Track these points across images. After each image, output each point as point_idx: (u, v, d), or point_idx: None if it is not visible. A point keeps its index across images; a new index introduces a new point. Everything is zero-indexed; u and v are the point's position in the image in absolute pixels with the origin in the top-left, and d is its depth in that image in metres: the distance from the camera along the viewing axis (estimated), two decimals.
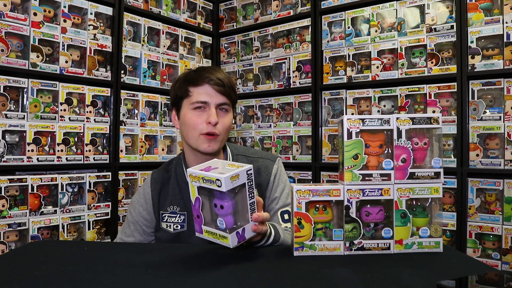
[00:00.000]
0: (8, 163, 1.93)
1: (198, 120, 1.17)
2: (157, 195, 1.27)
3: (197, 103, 1.17)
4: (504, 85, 1.97)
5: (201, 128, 1.16)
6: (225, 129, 1.20)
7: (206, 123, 1.16)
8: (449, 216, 2.08)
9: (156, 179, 1.29)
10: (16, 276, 0.77)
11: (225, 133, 1.20)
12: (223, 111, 1.20)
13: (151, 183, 1.29)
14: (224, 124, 1.19)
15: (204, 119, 1.16)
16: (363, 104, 2.43)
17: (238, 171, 0.82)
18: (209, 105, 1.17)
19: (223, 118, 1.19)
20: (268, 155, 1.31)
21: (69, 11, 2.18)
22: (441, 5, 2.18)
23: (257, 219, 0.87)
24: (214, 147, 1.18)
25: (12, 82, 1.95)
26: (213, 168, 0.85)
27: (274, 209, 1.23)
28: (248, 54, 2.94)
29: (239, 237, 0.84)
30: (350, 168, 0.92)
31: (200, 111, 1.17)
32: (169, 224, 1.23)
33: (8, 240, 1.91)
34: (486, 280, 0.73)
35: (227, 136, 1.23)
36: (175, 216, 1.23)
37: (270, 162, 1.28)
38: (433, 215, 0.94)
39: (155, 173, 1.33)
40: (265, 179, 1.24)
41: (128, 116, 2.48)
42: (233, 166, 0.85)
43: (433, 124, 0.92)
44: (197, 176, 0.82)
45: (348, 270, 0.80)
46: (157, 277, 0.75)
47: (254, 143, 2.83)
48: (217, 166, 0.87)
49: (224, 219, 0.83)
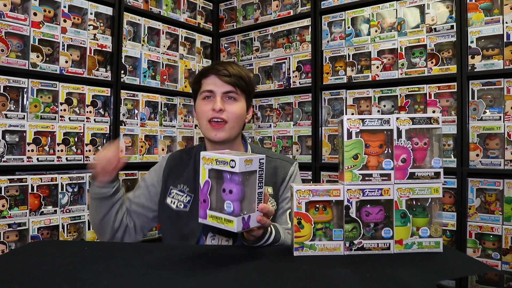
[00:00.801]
0: (8, 163, 1.93)
1: (205, 108, 1.22)
2: (168, 169, 1.30)
3: (204, 93, 1.23)
4: (504, 85, 1.97)
5: (207, 115, 1.21)
6: (234, 117, 1.21)
7: (212, 110, 1.20)
8: (449, 216, 2.08)
9: (174, 156, 1.34)
10: (16, 276, 0.77)
11: (234, 121, 1.22)
12: (231, 100, 1.23)
13: (168, 158, 1.34)
14: (232, 111, 1.21)
15: (210, 107, 1.20)
16: (363, 104, 2.43)
17: (252, 156, 0.84)
18: (215, 94, 1.21)
19: (230, 105, 1.22)
20: (286, 158, 1.34)
21: (69, 11, 2.18)
22: (441, 5, 2.18)
23: (263, 210, 0.88)
24: (221, 136, 1.20)
25: (12, 82, 1.95)
26: (227, 154, 0.87)
27: (284, 208, 1.24)
28: (248, 54, 2.94)
29: (244, 223, 0.84)
30: (350, 168, 0.92)
31: (208, 100, 1.22)
32: (173, 201, 1.25)
33: (8, 240, 1.91)
34: (486, 280, 0.73)
35: (238, 125, 1.24)
36: (182, 194, 1.25)
37: (288, 164, 1.30)
38: (433, 215, 0.94)
39: (176, 152, 1.38)
40: (281, 178, 1.26)
41: (128, 116, 2.48)
42: (247, 155, 0.87)
43: (433, 124, 0.92)
44: (211, 158, 0.84)
45: (348, 270, 0.80)
46: (157, 277, 0.75)
47: (254, 143, 2.83)
48: (231, 153, 0.89)
49: (232, 203, 0.84)
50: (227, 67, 1.22)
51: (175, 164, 1.31)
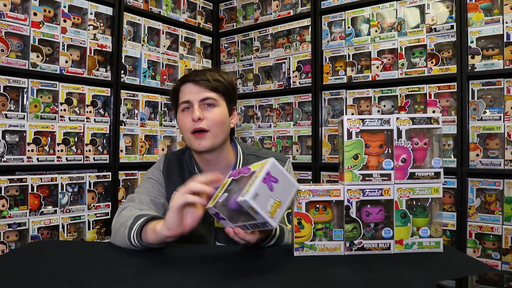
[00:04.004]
0: (8, 163, 1.93)
1: (186, 120, 1.18)
2: (166, 171, 1.26)
3: (183, 104, 1.19)
4: (504, 85, 1.97)
5: (188, 127, 1.17)
6: (215, 124, 1.17)
7: (192, 121, 1.16)
8: (449, 216, 2.08)
9: (171, 159, 1.30)
10: (16, 276, 0.77)
11: (216, 128, 1.17)
12: (209, 106, 1.18)
13: (165, 160, 1.29)
14: (211, 119, 1.16)
15: (190, 118, 1.17)
16: (363, 104, 2.43)
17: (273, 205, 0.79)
18: (192, 103, 1.17)
19: (209, 112, 1.17)
20: (279, 156, 1.31)
21: (69, 11, 2.18)
22: (441, 5, 2.18)
23: (237, 235, 0.87)
24: (205, 145, 1.15)
25: (12, 82, 1.95)
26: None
27: None
28: (248, 54, 2.94)
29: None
30: (350, 168, 0.91)
31: (187, 112, 1.18)
32: None
33: (8, 240, 1.91)
34: (486, 280, 0.73)
35: (221, 132, 1.19)
36: None
37: (280, 162, 1.27)
38: (433, 215, 0.94)
39: (171, 155, 1.33)
40: None
41: (128, 116, 2.48)
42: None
43: (433, 124, 0.92)
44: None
45: (348, 270, 0.80)
46: (157, 277, 0.75)
47: (254, 143, 2.83)
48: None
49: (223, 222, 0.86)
50: (204, 73, 1.19)
51: (173, 167, 1.28)
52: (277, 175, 0.81)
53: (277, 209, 0.78)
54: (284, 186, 0.81)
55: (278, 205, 0.79)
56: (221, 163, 1.25)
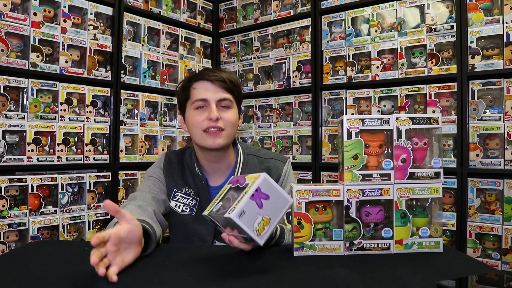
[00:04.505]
0: (8, 163, 1.93)
1: (200, 118, 1.18)
2: (167, 170, 1.27)
3: (198, 102, 1.18)
4: (504, 85, 1.97)
5: (202, 126, 1.17)
6: (230, 124, 1.19)
7: (207, 120, 1.16)
8: (449, 216, 2.08)
9: (171, 158, 1.30)
10: (16, 276, 0.77)
11: (230, 128, 1.19)
12: (225, 108, 1.20)
13: (165, 159, 1.30)
14: (227, 119, 1.18)
15: (205, 116, 1.17)
16: (363, 104, 2.43)
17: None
18: (209, 102, 1.17)
19: (225, 113, 1.19)
20: (278, 156, 1.32)
21: (69, 11, 2.18)
22: (441, 5, 2.18)
23: (232, 243, 0.87)
24: (219, 143, 1.17)
25: (12, 82, 1.95)
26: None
27: None
28: (248, 54, 2.94)
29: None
30: (350, 168, 0.92)
31: (201, 110, 1.19)
32: (178, 204, 1.23)
33: (8, 240, 1.91)
34: (486, 280, 0.73)
35: (234, 132, 1.22)
36: (188, 197, 1.23)
37: (280, 163, 1.28)
38: (433, 215, 0.94)
39: (171, 153, 1.33)
40: (275, 179, 1.25)
41: (128, 116, 2.48)
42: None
43: (433, 124, 0.92)
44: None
45: (348, 270, 0.80)
46: (157, 277, 0.75)
47: (254, 143, 2.83)
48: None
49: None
50: (218, 72, 1.19)
51: (173, 165, 1.29)
52: (268, 191, 0.80)
53: (266, 227, 0.78)
54: (276, 202, 0.81)
55: (267, 222, 0.78)
56: (222, 162, 1.25)
